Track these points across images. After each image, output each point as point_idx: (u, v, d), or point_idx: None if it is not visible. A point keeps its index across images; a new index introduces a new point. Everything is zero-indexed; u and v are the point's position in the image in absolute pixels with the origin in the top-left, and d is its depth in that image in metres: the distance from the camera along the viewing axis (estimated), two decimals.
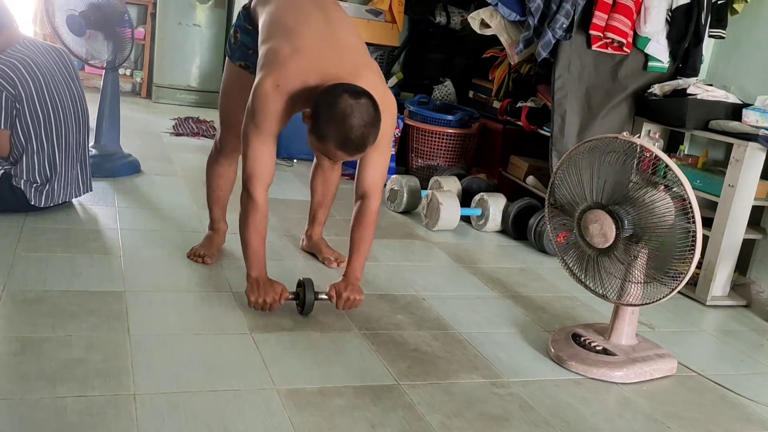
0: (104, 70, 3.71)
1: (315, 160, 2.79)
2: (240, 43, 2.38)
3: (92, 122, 3.30)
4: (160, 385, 1.68)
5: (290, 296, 2.17)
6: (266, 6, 2.20)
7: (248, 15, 2.33)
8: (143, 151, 4.15)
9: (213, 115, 6.32)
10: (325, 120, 1.87)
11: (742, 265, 3.04)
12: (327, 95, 1.89)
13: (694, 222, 1.95)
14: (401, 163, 4.57)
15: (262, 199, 2.09)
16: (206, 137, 5.21)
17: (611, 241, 2.04)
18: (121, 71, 5.12)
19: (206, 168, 2.64)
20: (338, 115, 1.85)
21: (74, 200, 3.04)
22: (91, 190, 3.06)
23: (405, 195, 3.65)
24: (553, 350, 2.17)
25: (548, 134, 3.31)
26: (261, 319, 2.13)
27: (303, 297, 2.15)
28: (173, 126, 5.47)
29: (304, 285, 2.16)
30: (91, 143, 3.57)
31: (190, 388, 1.69)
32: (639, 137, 2.05)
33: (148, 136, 4.94)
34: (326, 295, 2.18)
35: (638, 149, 2.01)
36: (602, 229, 2.04)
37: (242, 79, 2.38)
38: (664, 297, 2.02)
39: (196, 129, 5.42)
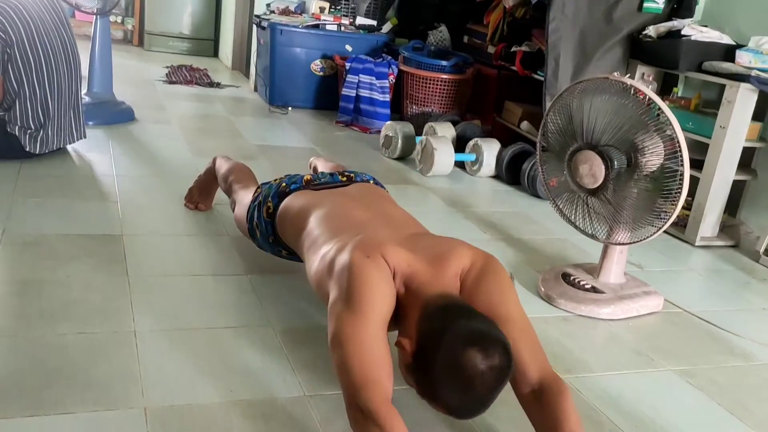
0: (94, 17, 3.67)
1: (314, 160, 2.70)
2: (258, 241, 2.04)
3: (84, 70, 3.29)
4: (160, 322, 1.73)
5: None
6: (306, 221, 1.74)
7: (273, 226, 1.93)
8: (137, 99, 4.14)
9: (206, 63, 6.28)
10: (439, 379, 1.26)
11: (732, 206, 3.08)
12: (446, 340, 1.25)
13: (682, 163, 1.97)
14: (396, 109, 4.56)
15: (390, 416, 1.23)
16: (200, 85, 5.19)
17: (600, 181, 2.06)
18: (111, 18, 5.04)
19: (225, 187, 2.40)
20: (460, 384, 1.24)
21: (69, 147, 3.06)
22: (84, 137, 3.07)
23: (399, 141, 3.66)
24: (542, 289, 2.22)
25: (542, 79, 3.31)
26: (258, 262, 2.17)
27: None
28: (166, 74, 5.44)
29: None
30: (84, 91, 3.56)
31: (189, 325, 1.74)
32: (629, 77, 2.05)
33: (141, 84, 4.91)
34: None
35: (632, 91, 2.01)
36: (592, 170, 2.06)
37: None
38: (650, 236, 2.06)
39: (189, 77, 5.39)
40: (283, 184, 1.96)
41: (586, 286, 2.20)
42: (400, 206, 1.92)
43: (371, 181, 2.06)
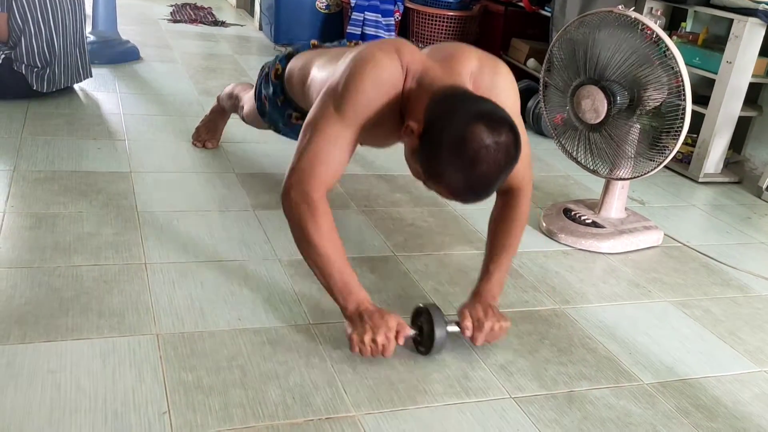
0: None
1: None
2: (268, 113, 2.08)
3: (88, 9, 3.27)
4: (169, 255, 1.79)
5: (411, 332, 1.47)
6: (311, 66, 1.77)
7: (281, 86, 1.96)
8: (142, 38, 4.13)
9: (210, 2, 6.19)
10: (445, 157, 1.27)
11: (737, 142, 3.08)
12: (453, 117, 1.27)
13: (684, 98, 1.97)
14: None
15: (321, 200, 1.41)
16: (204, 24, 5.14)
17: (602, 116, 2.07)
18: None
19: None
20: (466, 158, 1.24)
21: (76, 86, 3.07)
22: (91, 76, 3.08)
23: None
24: (544, 224, 2.25)
25: (550, 15, 3.27)
26: (263, 198, 2.21)
27: (430, 333, 1.45)
28: (171, 13, 5.39)
29: (429, 314, 1.44)
30: (88, 30, 3.55)
31: (197, 258, 1.80)
32: (633, 10, 2.03)
33: (146, 23, 4.88)
34: (458, 325, 1.49)
35: (640, 27, 2.00)
36: (594, 105, 2.07)
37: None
38: (651, 171, 2.08)
39: (194, 15, 5.33)
40: (290, 50, 2.00)
41: (587, 221, 2.24)
42: None
43: None
